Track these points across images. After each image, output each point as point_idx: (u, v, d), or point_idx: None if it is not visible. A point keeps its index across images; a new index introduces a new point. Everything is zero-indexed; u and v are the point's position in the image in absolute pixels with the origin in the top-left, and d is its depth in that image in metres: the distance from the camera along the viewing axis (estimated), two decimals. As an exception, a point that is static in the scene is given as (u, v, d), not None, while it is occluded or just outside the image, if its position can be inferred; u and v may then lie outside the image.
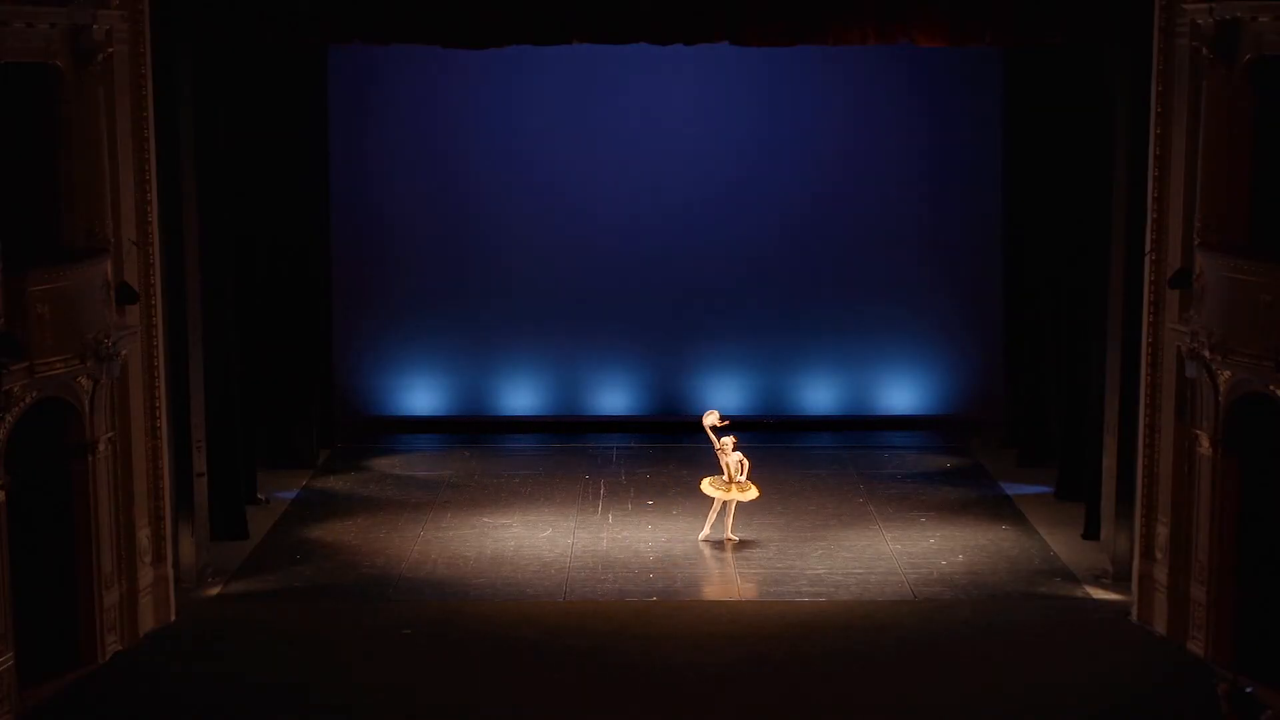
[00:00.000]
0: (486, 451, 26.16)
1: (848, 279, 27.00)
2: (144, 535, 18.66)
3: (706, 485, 21.63)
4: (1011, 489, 23.97)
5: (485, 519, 22.60)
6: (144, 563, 18.63)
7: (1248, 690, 15.05)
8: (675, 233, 26.81)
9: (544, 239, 26.83)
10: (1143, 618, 18.81)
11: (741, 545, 21.39)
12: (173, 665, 17.80)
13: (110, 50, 17.54)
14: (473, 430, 27.08)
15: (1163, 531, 18.48)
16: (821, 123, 26.74)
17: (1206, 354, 17.17)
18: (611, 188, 26.77)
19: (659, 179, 26.70)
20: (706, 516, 21.59)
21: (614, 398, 27.44)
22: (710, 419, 21.79)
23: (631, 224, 26.78)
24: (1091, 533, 21.23)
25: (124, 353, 17.80)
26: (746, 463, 21.54)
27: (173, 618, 19.06)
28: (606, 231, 26.80)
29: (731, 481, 21.44)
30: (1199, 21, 17.34)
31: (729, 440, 21.58)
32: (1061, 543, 21.48)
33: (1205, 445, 17.58)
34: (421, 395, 27.31)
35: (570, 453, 26.02)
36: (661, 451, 26.05)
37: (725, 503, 21.48)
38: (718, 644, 18.14)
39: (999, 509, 23.03)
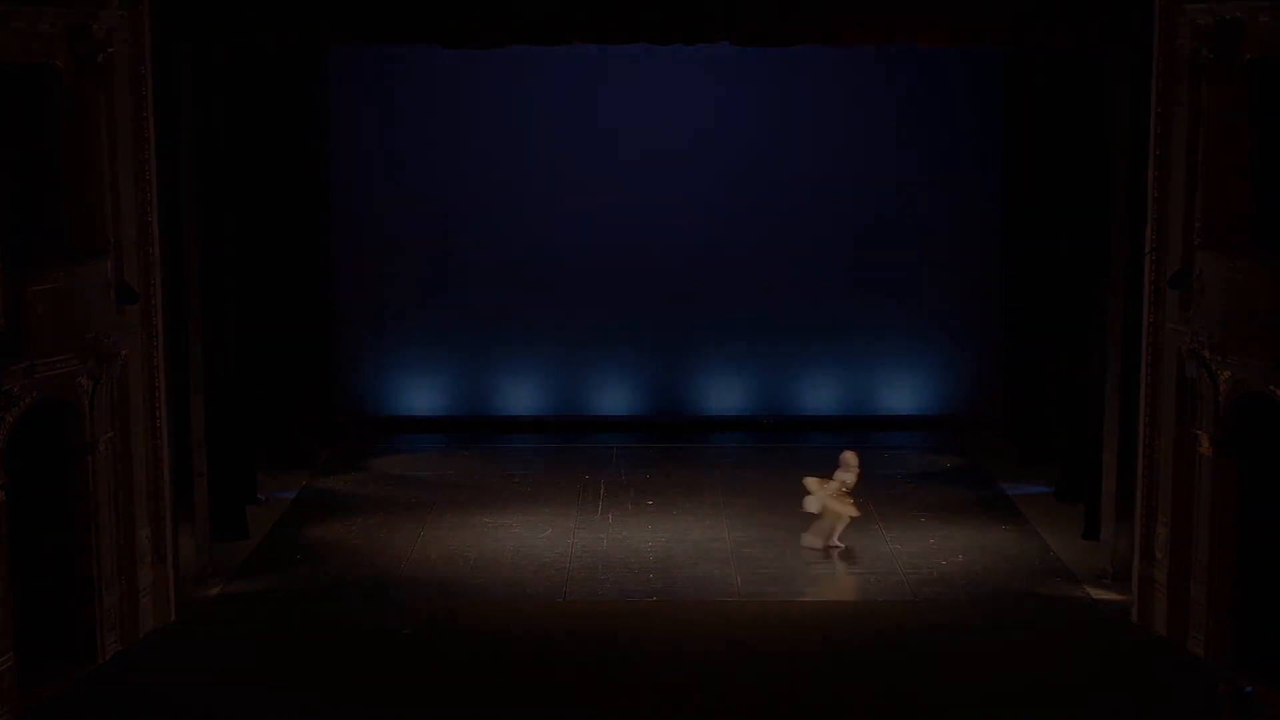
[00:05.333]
0: (486, 451, 26.15)
1: (848, 279, 27.00)
2: (144, 535, 18.65)
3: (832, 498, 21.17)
4: (1011, 489, 23.96)
5: (485, 519, 22.59)
6: (144, 563, 18.62)
7: (1248, 690, 15.06)
8: (675, 233, 26.81)
9: (544, 239, 26.83)
10: (1143, 618, 18.80)
11: (741, 545, 21.38)
12: (173, 665, 17.80)
13: (110, 50, 17.54)
14: (473, 430, 27.08)
15: (1163, 531, 18.47)
16: (822, 123, 26.75)
17: (1206, 354, 17.18)
18: (612, 188, 26.77)
19: (659, 179, 26.69)
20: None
21: (614, 398, 27.43)
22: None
23: (632, 225, 26.78)
24: (1091, 533, 21.22)
25: (124, 353, 17.81)
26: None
27: (173, 618, 19.05)
28: (607, 232, 26.81)
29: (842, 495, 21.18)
30: (1199, 21, 17.34)
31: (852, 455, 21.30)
32: (1061, 543, 21.48)
33: (1205, 445, 17.58)
34: (421, 395, 27.31)
35: (570, 453, 26.01)
36: (661, 451, 26.06)
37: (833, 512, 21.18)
38: (718, 644, 18.13)
39: (999, 509, 23.02)
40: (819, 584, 20.03)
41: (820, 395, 27.38)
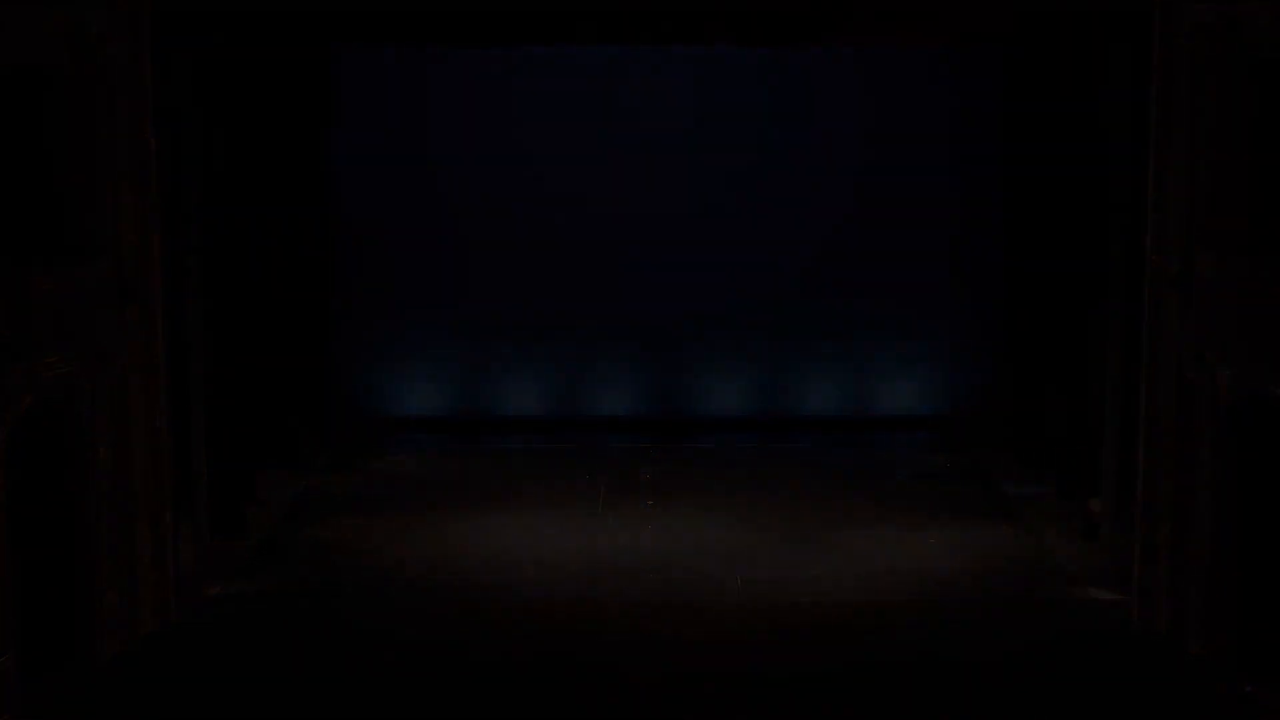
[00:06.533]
0: (486, 451, 26.16)
1: (848, 279, 27.03)
2: (144, 535, 18.64)
3: None
4: (1011, 489, 23.96)
5: (485, 519, 22.59)
6: (144, 563, 18.61)
7: (1248, 690, 15.06)
8: (675, 234, 26.83)
9: (545, 239, 26.87)
10: (1143, 618, 18.80)
11: (741, 545, 21.36)
12: (173, 665, 17.81)
13: (109, 50, 17.53)
14: (473, 430, 27.09)
15: (1163, 531, 18.47)
16: (821, 123, 26.78)
17: (1206, 354, 17.18)
18: (612, 187, 26.79)
19: (660, 179, 26.72)
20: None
21: (614, 398, 27.44)
22: None
23: (632, 224, 26.80)
24: (1091, 533, 21.22)
25: (124, 353, 17.79)
26: None
27: (173, 618, 19.05)
28: (607, 231, 26.84)
29: None
30: (1199, 20, 17.34)
31: None
32: (1061, 543, 21.48)
33: (1205, 445, 17.57)
34: (421, 395, 27.32)
35: (570, 453, 26.02)
36: (661, 451, 26.05)
37: None
38: (717, 644, 18.13)
39: (999, 509, 23.01)
40: (819, 584, 20.02)
41: (820, 395, 27.39)
